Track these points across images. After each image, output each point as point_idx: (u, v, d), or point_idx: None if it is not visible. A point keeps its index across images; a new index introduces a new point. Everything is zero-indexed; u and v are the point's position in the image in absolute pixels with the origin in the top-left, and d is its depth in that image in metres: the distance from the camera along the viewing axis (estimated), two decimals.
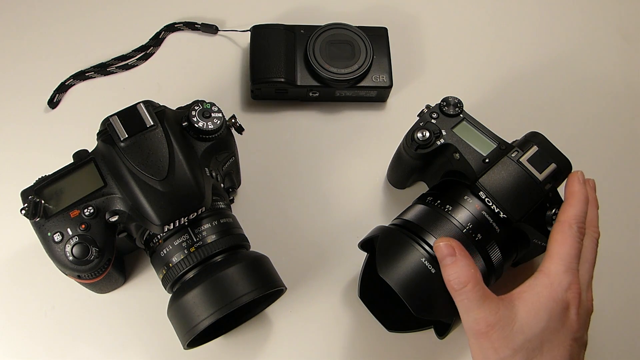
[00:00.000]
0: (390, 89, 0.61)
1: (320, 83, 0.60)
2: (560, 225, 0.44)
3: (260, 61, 0.60)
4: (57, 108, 0.61)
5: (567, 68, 0.67)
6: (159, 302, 0.52)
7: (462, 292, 0.41)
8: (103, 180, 0.45)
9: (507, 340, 0.40)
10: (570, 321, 0.42)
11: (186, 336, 0.44)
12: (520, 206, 0.45)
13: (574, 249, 0.43)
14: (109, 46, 0.64)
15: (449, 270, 0.42)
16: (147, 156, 0.43)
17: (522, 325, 0.41)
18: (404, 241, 0.45)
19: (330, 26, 0.61)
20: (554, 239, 0.44)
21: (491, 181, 0.46)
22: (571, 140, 0.56)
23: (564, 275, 0.42)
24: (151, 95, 0.49)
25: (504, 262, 0.47)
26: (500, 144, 0.48)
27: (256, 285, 0.44)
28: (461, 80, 0.65)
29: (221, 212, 0.48)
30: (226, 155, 0.51)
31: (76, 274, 0.45)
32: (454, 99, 0.50)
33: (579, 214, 0.44)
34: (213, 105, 0.48)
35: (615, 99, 0.66)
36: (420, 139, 0.49)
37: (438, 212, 0.46)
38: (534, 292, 0.42)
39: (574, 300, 0.42)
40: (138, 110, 0.44)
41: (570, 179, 0.47)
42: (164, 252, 0.46)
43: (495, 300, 0.41)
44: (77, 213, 0.44)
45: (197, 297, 0.43)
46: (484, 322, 0.41)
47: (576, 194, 0.45)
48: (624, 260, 0.58)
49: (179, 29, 0.66)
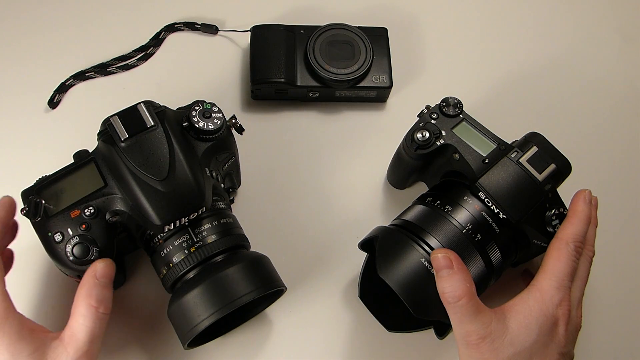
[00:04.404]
0: (390, 89, 0.61)
1: (320, 83, 0.60)
2: (557, 242, 0.45)
3: (260, 61, 0.60)
4: (57, 108, 0.61)
5: (567, 68, 0.67)
6: (159, 302, 0.52)
7: (456, 306, 0.41)
8: (103, 180, 0.46)
9: (497, 352, 0.41)
10: (559, 336, 0.43)
11: (186, 336, 0.44)
12: (520, 206, 0.46)
13: (568, 267, 0.44)
14: (109, 46, 0.64)
15: (445, 283, 0.42)
16: (148, 156, 0.44)
17: (512, 338, 0.41)
18: (404, 241, 0.45)
19: (330, 26, 0.61)
20: (550, 254, 0.45)
21: (491, 181, 0.46)
22: (571, 141, 0.56)
23: (556, 291, 0.43)
24: (151, 96, 0.49)
25: (504, 263, 0.47)
26: (499, 145, 0.48)
27: (256, 286, 0.45)
28: (461, 80, 0.65)
29: (221, 212, 0.48)
30: (226, 155, 0.51)
31: (76, 274, 0.45)
32: (453, 99, 0.51)
33: (578, 233, 0.45)
34: (213, 106, 0.48)
35: (615, 99, 0.66)
36: (420, 139, 0.49)
37: (438, 212, 0.47)
38: (525, 306, 0.43)
39: (564, 316, 0.43)
40: (138, 111, 0.44)
41: (576, 197, 0.47)
42: (165, 252, 0.46)
43: (488, 314, 0.42)
44: (77, 213, 0.44)
45: (197, 297, 0.43)
46: (476, 334, 0.41)
47: (579, 213, 0.46)
48: (623, 263, 0.58)
49: (179, 29, 0.66)
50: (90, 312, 0.42)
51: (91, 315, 0.42)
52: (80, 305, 0.42)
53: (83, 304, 0.42)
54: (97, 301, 0.43)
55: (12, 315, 0.41)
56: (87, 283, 0.43)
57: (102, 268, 0.44)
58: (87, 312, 0.42)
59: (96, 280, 0.43)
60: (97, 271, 0.43)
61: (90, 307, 0.42)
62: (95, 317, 0.42)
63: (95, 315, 0.42)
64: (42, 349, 0.41)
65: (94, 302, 0.42)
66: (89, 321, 0.42)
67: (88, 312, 0.42)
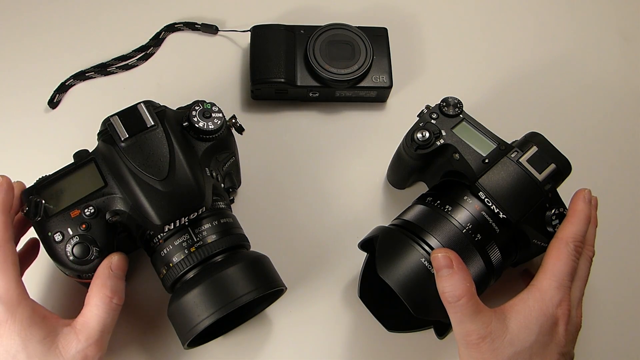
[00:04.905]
0: (390, 89, 0.61)
1: (320, 83, 0.60)
2: (557, 242, 0.45)
3: (260, 61, 0.60)
4: (57, 108, 0.61)
5: (567, 68, 0.67)
6: (159, 302, 0.52)
7: (456, 306, 0.41)
8: (103, 180, 0.46)
9: (497, 352, 0.41)
10: (559, 336, 0.43)
11: (186, 336, 0.44)
12: (520, 206, 0.46)
13: (568, 267, 0.44)
14: (109, 46, 0.64)
15: (445, 283, 0.42)
16: (148, 156, 0.44)
17: (512, 338, 0.41)
18: (404, 241, 0.45)
19: (330, 26, 0.61)
20: (549, 254, 0.45)
21: (491, 181, 0.46)
22: (571, 141, 0.56)
23: (556, 291, 0.43)
24: (151, 96, 0.49)
25: (504, 262, 0.47)
26: (499, 145, 0.48)
27: (256, 285, 0.45)
28: (461, 80, 0.65)
29: (221, 212, 0.48)
30: (226, 155, 0.51)
31: (76, 273, 0.45)
32: (453, 99, 0.51)
33: (578, 233, 0.45)
34: (213, 106, 0.48)
35: (615, 99, 0.66)
36: (420, 139, 0.49)
37: (438, 212, 0.47)
38: (525, 306, 0.43)
39: (564, 316, 0.43)
40: (138, 110, 0.44)
41: (576, 196, 0.47)
42: (165, 252, 0.46)
43: (488, 314, 0.42)
44: (77, 213, 0.44)
45: (197, 297, 0.43)
46: (476, 334, 0.41)
47: (579, 213, 0.46)
48: (623, 263, 0.58)
49: (179, 29, 0.66)
50: (104, 302, 0.43)
51: (105, 306, 0.43)
52: (94, 295, 0.43)
53: (98, 294, 0.43)
54: (111, 292, 0.44)
55: (24, 301, 0.41)
56: (102, 274, 0.44)
57: (117, 260, 0.45)
58: (101, 302, 0.43)
59: (111, 272, 0.44)
60: (112, 263, 0.44)
61: (105, 297, 0.43)
62: (108, 308, 0.43)
63: (109, 306, 0.43)
64: (53, 334, 0.42)
65: (108, 293, 0.43)
66: (102, 311, 0.43)
67: (102, 302, 0.43)
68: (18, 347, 0.40)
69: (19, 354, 0.41)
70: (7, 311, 0.40)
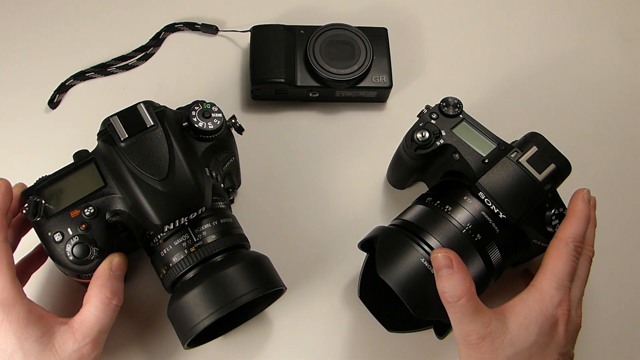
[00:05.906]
0: (390, 89, 0.61)
1: (320, 83, 0.60)
2: (557, 242, 0.45)
3: (260, 62, 0.60)
4: (57, 108, 0.61)
5: (567, 68, 0.67)
6: (159, 302, 0.52)
7: (456, 306, 0.41)
8: (103, 180, 0.46)
9: (496, 352, 0.41)
10: (559, 336, 0.43)
11: (186, 336, 0.44)
12: (520, 206, 0.46)
13: (568, 267, 0.44)
14: (109, 46, 0.64)
15: (445, 283, 0.42)
16: (148, 156, 0.44)
17: (512, 338, 0.41)
18: (404, 241, 0.45)
19: (330, 27, 0.61)
20: (549, 254, 0.45)
21: (490, 181, 0.46)
22: (571, 141, 0.56)
23: (555, 291, 0.43)
24: (151, 96, 0.49)
25: (504, 263, 0.47)
26: (499, 145, 0.48)
27: (256, 285, 0.45)
28: (461, 80, 0.65)
29: (221, 212, 0.48)
30: (226, 155, 0.51)
31: (76, 273, 0.45)
32: (453, 99, 0.51)
33: (577, 233, 0.45)
34: (213, 106, 0.48)
35: (615, 99, 0.66)
36: (419, 139, 0.49)
37: (438, 212, 0.47)
38: (525, 306, 0.43)
39: (564, 316, 0.43)
40: (138, 111, 0.44)
41: (575, 196, 0.47)
42: (164, 252, 0.46)
43: (488, 314, 0.42)
44: (77, 213, 0.44)
45: (197, 297, 0.43)
46: (476, 334, 0.41)
47: (578, 213, 0.46)
48: (623, 263, 0.58)
49: (179, 29, 0.66)
50: (103, 303, 0.43)
51: (104, 306, 0.43)
52: (94, 295, 0.43)
53: (98, 294, 0.43)
54: (111, 292, 0.44)
55: (20, 301, 0.41)
56: (102, 275, 0.44)
57: (118, 261, 0.45)
58: (100, 303, 0.43)
59: (111, 273, 0.44)
60: (113, 263, 0.45)
61: (105, 298, 0.43)
62: (108, 308, 0.43)
63: (108, 307, 0.43)
64: (49, 333, 0.42)
65: (108, 293, 0.44)
66: (101, 311, 0.43)
67: (101, 302, 0.43)
68: (14, 347, 0.41)
69: (15, 353, 0.41)
70: (3, 311, 0.41)
